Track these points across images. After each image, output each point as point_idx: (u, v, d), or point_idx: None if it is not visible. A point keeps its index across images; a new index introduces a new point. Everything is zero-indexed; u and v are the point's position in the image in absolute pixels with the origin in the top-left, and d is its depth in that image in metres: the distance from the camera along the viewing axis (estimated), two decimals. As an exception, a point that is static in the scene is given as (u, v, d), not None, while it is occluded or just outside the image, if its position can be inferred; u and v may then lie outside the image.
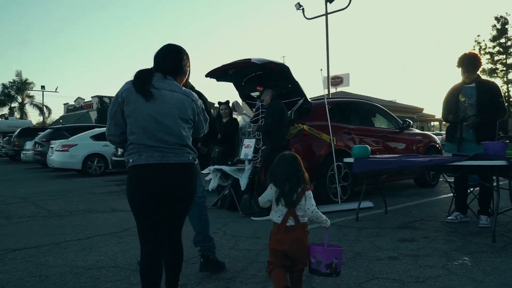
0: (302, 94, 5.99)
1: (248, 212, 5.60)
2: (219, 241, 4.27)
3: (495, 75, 42.49)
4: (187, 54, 2.44)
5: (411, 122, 7.42)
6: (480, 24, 75.90)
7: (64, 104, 47.66)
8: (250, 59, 5.79)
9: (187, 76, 2.51)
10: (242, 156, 5.67)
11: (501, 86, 41.94)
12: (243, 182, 5.52)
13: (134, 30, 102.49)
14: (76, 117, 39.95)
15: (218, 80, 6.59)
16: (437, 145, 8.19)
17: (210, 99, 3.33)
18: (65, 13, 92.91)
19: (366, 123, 6.99)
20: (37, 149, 15.10)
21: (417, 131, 8.01)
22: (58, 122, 39.48)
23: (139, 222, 2.28)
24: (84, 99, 43.01)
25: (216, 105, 7.01)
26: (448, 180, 5.30)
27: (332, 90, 30.37)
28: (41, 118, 46.93)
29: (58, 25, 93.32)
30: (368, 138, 6.75)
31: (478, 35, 45.57)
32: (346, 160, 5.35)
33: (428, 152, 7.78)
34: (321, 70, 6.31)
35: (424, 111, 42.63)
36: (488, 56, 43.08)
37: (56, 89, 58.30)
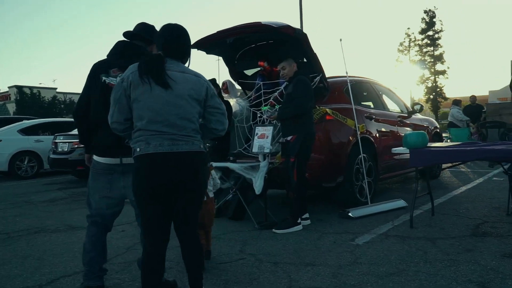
0: (320, 70, 4.74)
1: (263, 223, 4.27)
2: (258, 273, 2.92)
3: (424, 66, 44.44)
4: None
5: (423, 106, 6.51)
6: (410, 17, 78.74)
7: (-25, 96, 42.04)
8: (260, 22, 4.43)
9: None
10: (255, 150, 4.31)
11: (428, 77, 44.11)
12: (258, 184, 4.18)
13: (58, 15, 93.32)
14: (-10, 111, 35.24)
15: (208, 52, 5.14)
16: (439, 131, 7.46)
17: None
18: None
19: (382, 106, 5.94)
20: None
21: (421, 116, 7.15)
22: (-32, 116, 34.45)
23: (145, 214, 2.17)
24: (-1, 90, 38.16)
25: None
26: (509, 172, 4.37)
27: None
28: None
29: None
30: (388, 124, 5.71)
31: (408, 28, 47.56)
32: (396, 150, 4.22)
33: (434, 139, 6.98)
34: (341, 40, 5.09)
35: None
36: (417, 48, 44.95)
37: (-37, 79, 51.06)
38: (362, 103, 5.51)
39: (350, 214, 4.45)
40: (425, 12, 44.02)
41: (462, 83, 73.54)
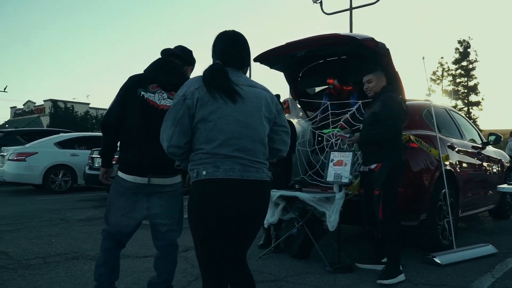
0: (401, 91, 4.16)
1: (337, 265, 3.64)
2: None
3: (457, 97, 43.04)
4: None
5: (501, 137, 5.81)
6: (444, 46, 76.43)
7: (11, 108, 43.29)
8: (338, 34, 3.93)
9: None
10: (330, 178, 3.72)
11: (462, 108, 42.56)
12: (333, 219, 3.57)
13: (93, 31, 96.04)
14: (25, 122, 35.99)
15: (272, 66, 4.65)
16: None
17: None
18: (14, 5, 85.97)
19: (459, 135, 5.28)
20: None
21: (493, 148, 6.42)
22: (4, 127, 35.20)
23: (207, 251, 1.86)
24: (35, 103, 39.20)
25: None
26: None
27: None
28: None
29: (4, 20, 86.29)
30: (468, 155, 5.04)
31: (442, 57, 46.34)
32: (503, 188, 3.57)
33: (508, 174, 6.23)
34: (423, 58, 4.52)
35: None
36: (450, 78, 43.67)
37: (5, 89, 51.60)
38: (442, 131, 4.86)
39: (437, 260, 3.77)
40: (459, 42, 42.72)
41: (497, 114, 71.00)
